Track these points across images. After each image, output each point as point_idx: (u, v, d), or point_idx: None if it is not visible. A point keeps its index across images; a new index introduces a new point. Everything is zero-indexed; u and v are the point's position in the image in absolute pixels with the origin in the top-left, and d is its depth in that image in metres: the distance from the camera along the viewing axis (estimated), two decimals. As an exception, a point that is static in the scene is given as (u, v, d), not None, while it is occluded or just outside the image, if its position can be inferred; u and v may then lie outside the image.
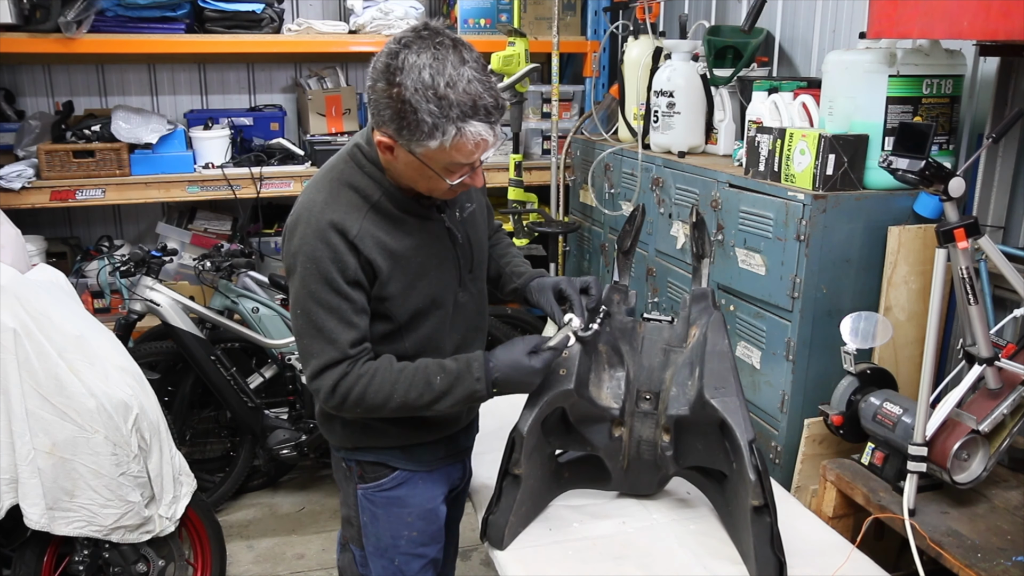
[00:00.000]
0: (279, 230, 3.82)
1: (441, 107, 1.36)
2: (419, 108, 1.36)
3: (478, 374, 1.53)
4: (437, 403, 1.53)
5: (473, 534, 1.91)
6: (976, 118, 2.23)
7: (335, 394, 1.52)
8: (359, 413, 1.56)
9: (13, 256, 2.25)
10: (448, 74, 1.35)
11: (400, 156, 1.46)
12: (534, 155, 3.79)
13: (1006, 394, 1.81)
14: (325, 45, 3.53)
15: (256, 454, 3.28)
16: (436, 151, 1.41)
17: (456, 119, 1.37)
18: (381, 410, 1.54)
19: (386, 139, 1.44)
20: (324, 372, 1.52)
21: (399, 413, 1.55)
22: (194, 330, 3.04)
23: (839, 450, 2.13)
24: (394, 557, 1.73)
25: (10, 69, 3.69)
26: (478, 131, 1.39)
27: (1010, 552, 1.67)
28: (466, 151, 1.41)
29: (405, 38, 1.39)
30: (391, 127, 1.41)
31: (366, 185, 1.53)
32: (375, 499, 1.71)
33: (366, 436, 1.67)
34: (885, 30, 1.90)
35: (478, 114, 1.38)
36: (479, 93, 1.37)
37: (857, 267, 2.14)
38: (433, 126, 1.37)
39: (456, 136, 1.38)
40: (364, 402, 1.52)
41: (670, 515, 1.82)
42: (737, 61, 2.73)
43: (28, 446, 2.12)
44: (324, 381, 1.52)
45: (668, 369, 1.76)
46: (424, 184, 1.50)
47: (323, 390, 1.52)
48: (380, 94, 1.40)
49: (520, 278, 1.81)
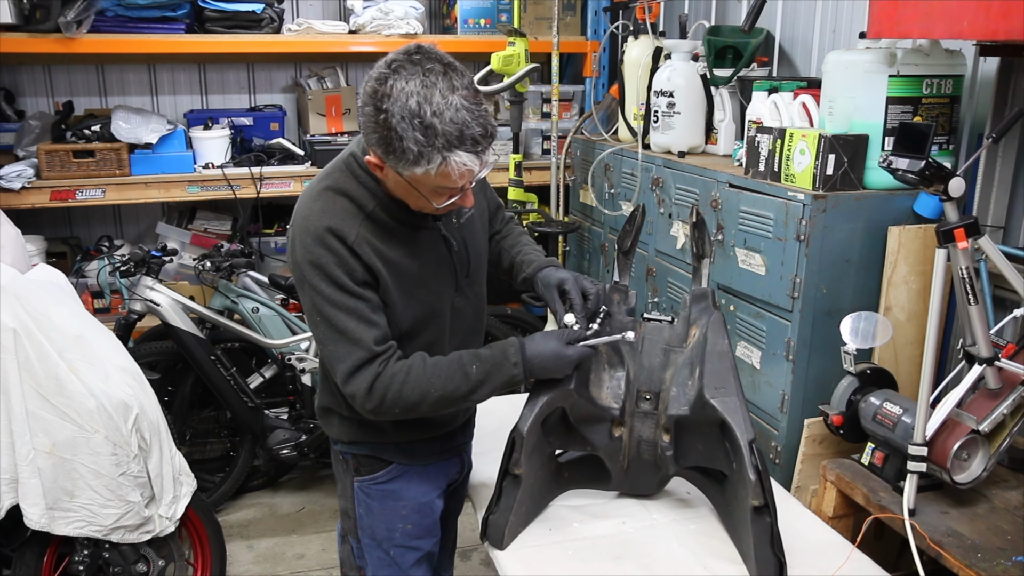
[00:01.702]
0: (279, 230, 3.82)
1: (427, 136, 1.35)
2: (404, 136, 1.35)
3: (515, 359, 1.54)
4: (475, 392, 1.54)
5: (473, 534, 1.91)
6: (976, 118, 2.23)
7: (372, 395, 1.50)
8: (398, 413, 1.54)
9: (13, 256, 2.25)
10: (436, 102, 1.34)
11: (390, 176, 1.48)
12: (534, 155, 3.79)
13: (1006, 394, 1.81)
14: (325, 45, 3.53)
15: (256, 454, 3.29)
16: (422, 176, 1.41)
17: (442, 148, 1.36)
18: (420, 406, 1.53)
19: (375, 159, 1.46)
20: (356, 374, 1.50)
21: (438, 407, 1.55)
22: (194, 330, 3.04)
23: (839, 450, 2.13)
24: (389, 549, 1.75)
25: (10, 69, 3.69)
26: (463, 161, 1.39)
27: (1010, 552, 1.67)
28: (452, 178, 1.41)
29: (396, 62, 1.38)
30: (379, 150, 1.42)
31: (361, 194, 1.54)
32: (371, 492, 1.73)
33: (363, 432, 1.68)
34: (885, 30, 1.90)
35: (464, 144, 1.37)
36: (466, 122, 1.36)
37: (857, 267, 2.14)
38: (419, 154, 1.36)
39: (441, 165, 1.38)
40: (402, 400, 1.51)
41: (670, 515, 1.82)
42: (737, 61, 2.73)
43: (28, 446, 2.12)
44: (358, 384, 1.50)
45: (668, 369, 1.76)
46: (414, 202, 1.52)
47: (359, 394, 1.51)
48: (368, 118, 1.40)
49: (530, 267, 1.81)
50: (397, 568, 1.76)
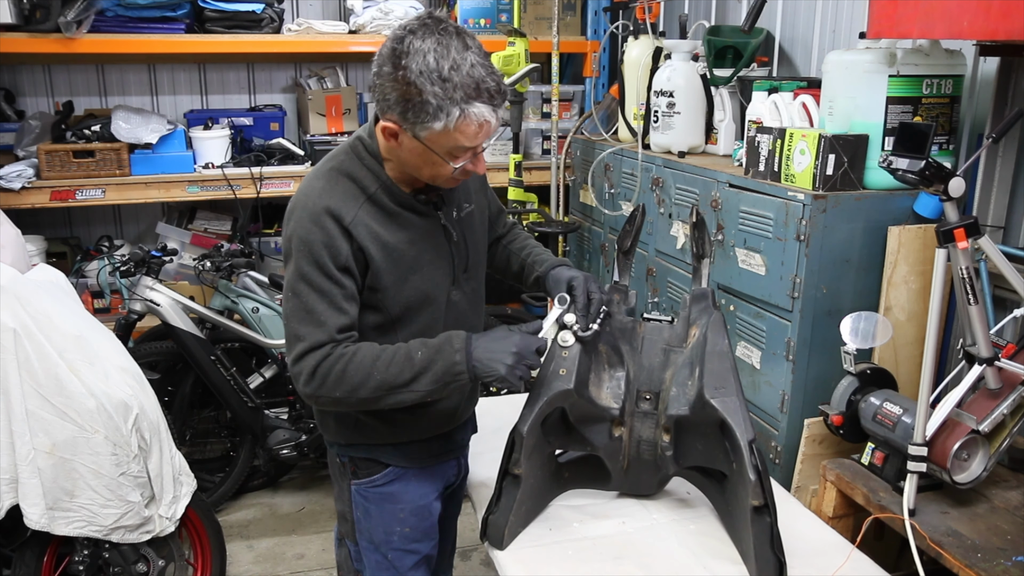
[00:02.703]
0: (279, 230, 3.82)
1: (445, 89, 1.39)
2: (424, 90, 1.39)
3: (458, 345, 1.51)
4: (417, 381, 1.50)
5: (473, 534, 1.91)
6: (976, 118, 2.23)
7: (315, 376, 1.49)
8: (338, 397, 1.50)
9: (13, 256, 2.25)
10: (452, 58, 1.39)
11: (404, 142, 1.48)
12: (534, 155, 3.79)
13: (1006, 394, 1.81)
14: (325, 45, 3.53)
15: (256, 454, 3.29)
16: (440, 134, 1.44)
17: (460, 101, 1.40)
18: (359, 390, 1.49)
19: (391, 124, 1.47)
20: (307, 355, 1.49)
21: (379, 392, 1.50)
22: (194, 330, 3.04)
23: (839, 450, 2.13)
24: (387, 552, 1.74)
25: (10, 69, 3.69)
26: (481, 112, 1.43)
27: (1010, 552, 1.67)
28: (469, 133, 1.44)
29: (410, 25, 1.43)
30: (396, 111, 1.44)
31: (364, 176, 1.55)
32: (368, 495, 1.72)
33: (359, 432, 1.67)
34: (885, 30, 1.90)
35: (481, 96, 1.42)
36: (482, 77, 1.41)
37: (857, 267, 2.14)
38: (438, 107, 1.40)
39: (460, 117, 1.41)
40: (344, 381, 1.48)
41: (670, 515, 1.82)
42: (737, 61, 2.73)
43: (28, 446, 2.12)
44: (305, 364, 1.49)
45: (668, 369, 1.76)
46: (427, 171, 1.52)
47: (304, 373, 1.50)
48: (386, 78, 1.43)
49: (542, 266, 1.82)
50: (395, 571, 1.75)
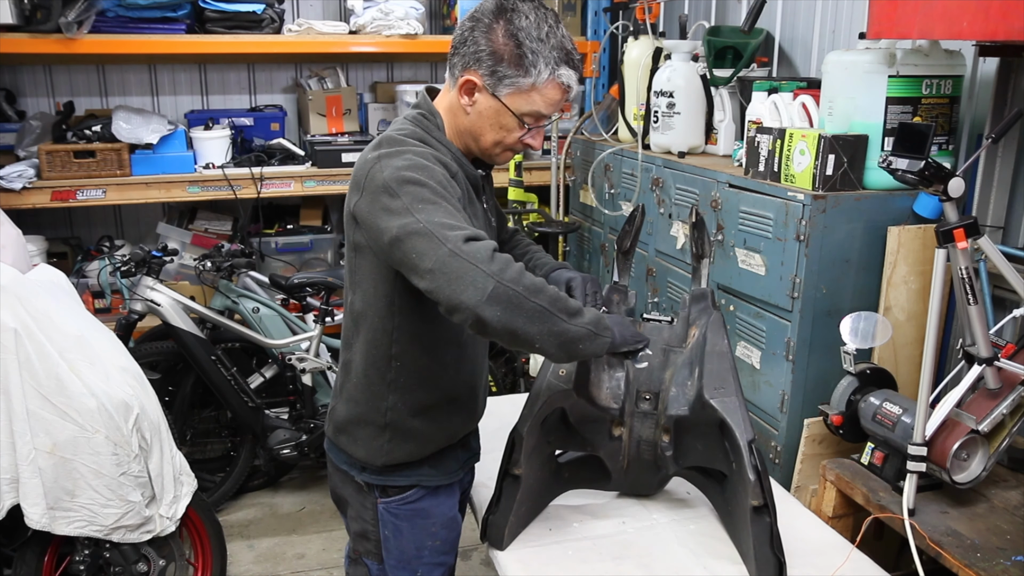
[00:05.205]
0: (279, 230, 3.81)
1: (542, 47, 1.50)
2: (523, 43, 1.49)
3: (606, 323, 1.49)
4: (580, 315, 1.43)
5: (473, 534, 1.91)
6: (976, 118, 2.23)
7: (495, 259, 1.35)
8: (517, 292, 1.35)
9: (14, 256, 2.25)
10: (549, 24, 1.53)
11: (480, 101, 1.54)
12: (534, 155, 3.79)
13: (1005, 394, 1.81)
14: (325, 45, 3.53)
15: (256, 454, 3.29)
16: (524, 93, 1.51)
17: (552, 62, 1.51)
18: (538, 295, 1.37)
19: (474, 78, 1.52)
20: (474, 240, 1.36)
21: (550, 312, 1.38)
22: (195, 330, 3.04)
23: (839, 450, 2.13)
24: (417, 568, 1.70)
25: (11, 69, 3.69)
26: (569, 76, 1.54)
27: (1010, 552, 1.67)
28: (550, 96, 1.53)
29: None
30: (484, 64, 1.50)
31: (439, 148, 1.57)
32: (399, 512, 1.67)
33: (399, 444, 1.61)
34: (885, 30, 1.90)
35: (571, 63, 1.54)
36: (572, 48, 1.55)
37: (857, 267, 2.14)
38: (532, 62, 1.50)
39: (549, 76, 1.51)
40: (523, 278, 1.37)
41: (670, 515, 1.83)
42: (737, 61, 2.73)
43: (29, 446, 2.12)
44: (478, 246, 1.35)
45: (668, 369, 1.76)
46: (491, 135, 1.56)
47: (482, 252, 1.34)
48: (482, 31, 1.51)
49: (543, 268, 1.83)
50: None
